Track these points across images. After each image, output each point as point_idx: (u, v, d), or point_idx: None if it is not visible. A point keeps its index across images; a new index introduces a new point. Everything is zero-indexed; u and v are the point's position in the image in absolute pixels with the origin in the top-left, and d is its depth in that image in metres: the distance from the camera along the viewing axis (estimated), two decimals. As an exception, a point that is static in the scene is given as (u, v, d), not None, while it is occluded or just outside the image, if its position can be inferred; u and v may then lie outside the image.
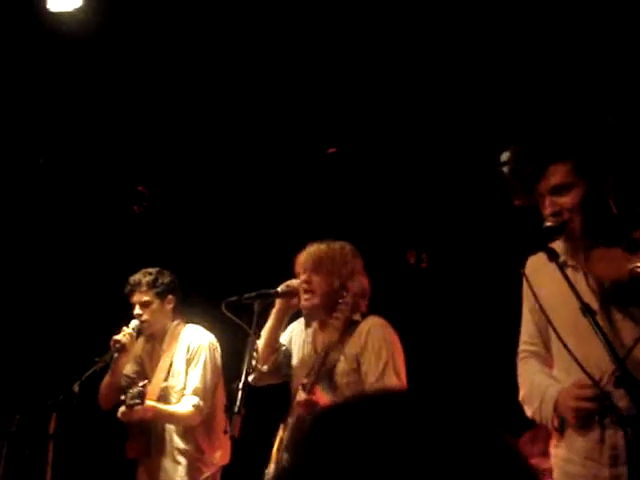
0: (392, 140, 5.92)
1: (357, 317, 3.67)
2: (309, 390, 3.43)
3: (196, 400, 4.35)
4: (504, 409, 5.83)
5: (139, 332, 4.52)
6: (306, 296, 3.68)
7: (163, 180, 6.35)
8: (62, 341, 6.12)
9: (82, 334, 5.95)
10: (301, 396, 3.44)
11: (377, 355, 3.55)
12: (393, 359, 3.57)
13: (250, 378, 3.57)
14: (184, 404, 4.36)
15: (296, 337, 3.86)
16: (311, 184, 6.30)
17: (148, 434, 4.42)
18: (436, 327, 6.20)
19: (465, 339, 6.20)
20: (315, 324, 3.77)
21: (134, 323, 4.52)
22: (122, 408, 4.25)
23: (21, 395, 5.74)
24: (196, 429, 4.40)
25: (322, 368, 3.49)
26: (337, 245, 3.78)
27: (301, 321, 3.93)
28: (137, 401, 4.16)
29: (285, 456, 3.45)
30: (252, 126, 5.94)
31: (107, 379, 4.52)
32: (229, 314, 3.70)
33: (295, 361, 3.81)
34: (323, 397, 3.46)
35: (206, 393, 4.39)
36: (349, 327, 3.63)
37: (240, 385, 3.50)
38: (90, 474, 5.86)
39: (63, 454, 4.70)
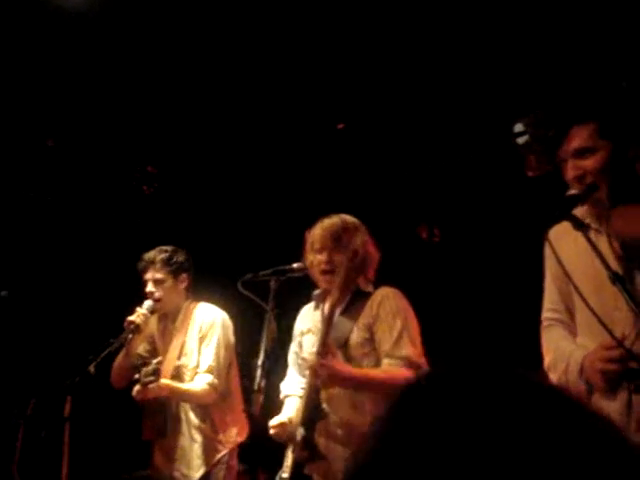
0: (404, 114, 5.87)
1: (369, 288, 3.62)
2: (322, 353, 3.36)
3: (210, 378, 4.32)
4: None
5: (152, 312, 4.47)
6: (328, 277, 3.57)
7: (172, 160, 6.30)
8: (77, 323, 6.11)
9: (96, 315, 5.94)
10: (315, 361, 3.37)
11: (390, 324, 3.50)
12: (407, 327, 3.51)
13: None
14: (198, 382, 4.33)
15: (307, 324, 3.77)
16: (321, 160, 6.26)
17: (164, 413, 4.39)
18: (450, 302, 6.18)
19: (480, 312, 6.17)
20: (327, 304, 3.68)
21: (147, 303, 4.48)
22: (137, 386, 4.22)
23: (36, 378, 5.74)
24: (211, 407, 4.37)
25: (329, 331, 3.42)
26: (348, 217, 3.72)
27: (307, 308, 3.84)
28: (152, 378, 4.14)
29: (300, 430, 3.40)
30: (262, 103, 5.89)
31: (120, 359, 4.48)
32: (245, 292, 3.65)
33: (309, 345, 3.73)
34: (339, 360, 3.40)
35: (220, 371, 4.36)
36: (361, 297, 3.59)
37: (259, 362, 3.46)
38: (107, 456, 5.86)
39: (80, 436, 4.68)
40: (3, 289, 5.94)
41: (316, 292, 3.72)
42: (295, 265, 3.71)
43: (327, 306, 3.59)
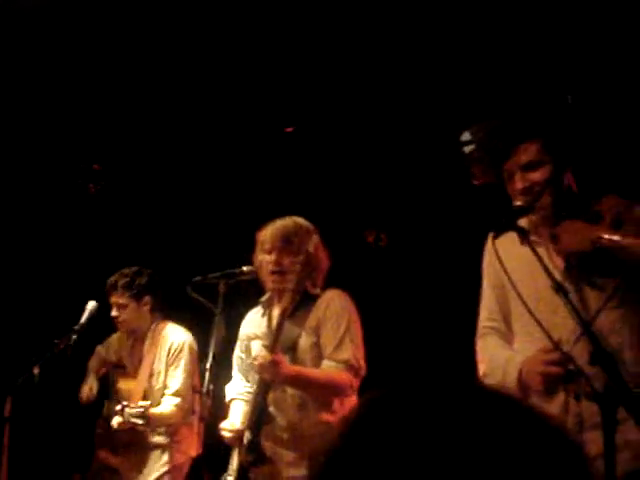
0: (352, 118, 5.90)
1: (316, 291, 3.63)
2: (271, 351, 3.38)
3: (177, 400, 4.38)
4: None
5: (93, 316, 4.48)
6: (275, 277, 3.58)
7: (120, 157, 6.24)
8: (20, 322, 6.02)
9: (40, 315, 5.86)
10: (264, 357, 3.38)
11: (334, 326, 3.53)
12: (350, 330, 3.54)
13: None
14: (166, 404, 4.38)
15: (254, 329, 3.76)
16: (270, 163, 6.25)
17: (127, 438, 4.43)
18: (395, 306, 6.23)
19: (423, 317, 6.24)
20: (275, 309, 3.69)
21: (91, 304, 4.49)
22: (119, 420, 4.22)
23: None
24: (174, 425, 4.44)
25: (280, 333, 3.43)
26: (300, 220, 3.73)
27: (253, 313, 3.83)
28: (140, 422, 4.20)
29: (247, 434, 3.42)
30: (211, 102, 5.87)
31: (88, 388, 4.54)
32: (194, 294, 3.65)
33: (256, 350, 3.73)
34: (285, 360, 3.43)
35: (186, 393, 4.43)
36: (308, 301, 3.60)
37: (207, 366, 3.47)
38: (49, 458, 5.78)
39: (22, 438, 4.62)
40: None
41: (263, 298, 3.73)
42: (245, 268, 3.71)
43: (277, 310, 3.61)
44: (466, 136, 5.33)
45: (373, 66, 5.51)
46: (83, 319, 4.45)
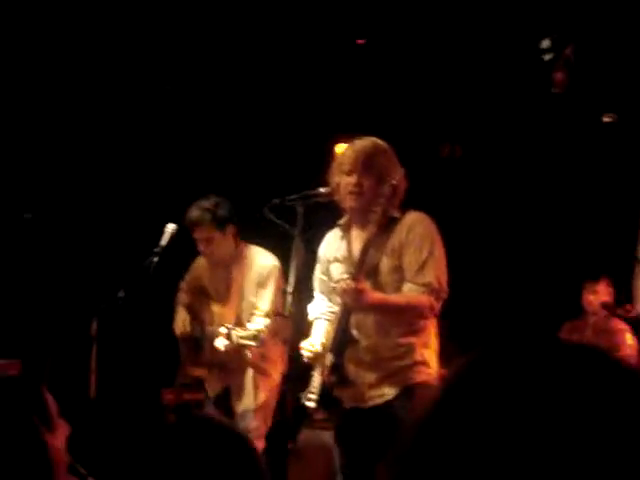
0: (424, 30, 5.73)
1: (396, 214, 3.58)
2: (355, 279, 3.37)
3: (268, 321, 4.40)
4: (540, 299, 5.87)
5: (175, 238, 4.53)
6: (354, 196, 3.52)
7: (188, 82, 6.21)
8: (103, 245, 6.14)
9: (123, 238, 5.97)
10: (348, 285, 3.37)
11: (417, 250, 3.49)
12: (433, 254, 3.51)
13: None
14: (256, 325, 4.41)
15: (334, 251, 3.73)
16: (341, 76, 6.15)
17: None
18: (473, 219, 6.16)
19: (503, 230, 6.17)
20: (354, 231, 3.67)
21: (170, 227, 4.53)
22: (225, 343, 4.25)
23: (63, 300, 5.81)
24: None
25: (364, 261, 3.43)
26: (381, 142, 3.65)
27: (332, 235, 3.80)
28: (254, 343, 4.17)
29: (330, 357, 3.45)
30: (282, 17, 5.77)
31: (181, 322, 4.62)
32: (272, 217, 3.64)
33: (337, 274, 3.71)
34: (368, 287, 3.42)
35: (274, 313, 4.47)
36: (389, 224, 3.55)
37: (290, 289, 3.48)
38: (136, 377, 5.96)
39: (109, 357, 4.77)
40: (27, 212, 5.97)
41: (342, 220, 3.70)
42: (322, 190, 3.66)
43: (356, 232, 3.60)
44: (546, 43, 5.18)
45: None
46: (163, 241, 4.50)
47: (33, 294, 5.97)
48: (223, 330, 4.26)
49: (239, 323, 4.43)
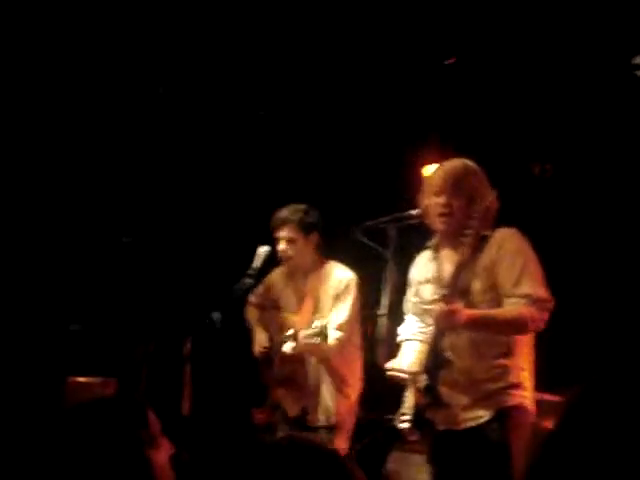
0: (516, 48, 5.69)
1: (487, 232, 3.55)
2: (448, 302, 3.35)
3: (340, 334, 4.41)
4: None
5: (268, 260, 4.56)
6: (445, 219, 3.52)
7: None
8: (198, 267, 6.25)
9: (218, 259, 6.07)
10: (441, 307, 3.36)
11: (510, 263, 3.44)
12: (528, 265, 3.45)
13: None
14: (329, 337, 4.42)
15: (424, 273, 3.73)
16: (431, 96, 6.16)
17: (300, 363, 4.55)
18: (565, 239, 6.06)
19: (596, 250, 6.04)
20: (444, 252, 3.65)
21: (263, 249, 4.57)
22: (292, 345, 4.30)
23: (159, 320, 5.93)
24: (337, 362, 4.50)
25: (456, 283, 3.41)
26: (471, 163, 3.64)
27: (422, 257, 3.79)
28: (318, 340, 4.14)
29: (424, 378, 3.43)
30: (368, 39, 5.81)
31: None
32: (364, 239, 3.66)
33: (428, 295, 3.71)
34: (461, 307, 3.38)
35: (349, 327, 4.46)
36: (480, 243, 3.51)
37: (382, 312, 3.50)
38: (229, 396, 6.04)
39: (203, 377, 4.85)
40: (127, 235, 6.14)
41: (432, 242, 3.69)
42: (414, 212, 3.67)
43: (446, 253, 3.58)
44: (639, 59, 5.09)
45: None
46: (256, 263, 4.54)
47: (130, 314, 6.12)
48: (290, 332, 4.27)
49: None
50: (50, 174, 6.07)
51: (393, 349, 3.69)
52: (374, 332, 3.53)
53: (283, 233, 4.50)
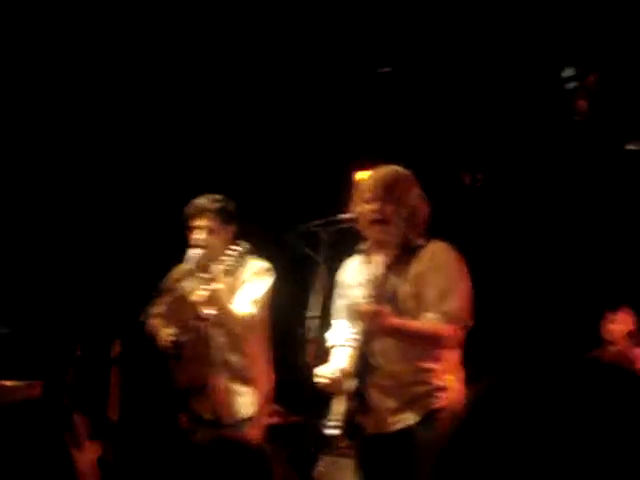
0: (448, 59, 5.78)
1: (420, 242, 3.59)
2: (375, 302, 3.40)
3: (252, 309, 4.32)
4: (561, 330, 5.85)
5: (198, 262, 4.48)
6: (377, 227, 3.54)
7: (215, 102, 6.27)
8: (126, 268, 6.18)
9: (144, 261, 6.00)
10: (367, 307, 3.41)
11: (439, 277, 3.49)
12: (455, 283, 3.50)
13: None
14: (242, 306, 4.35)
15: (354, 277, 3.73)
16: (364, 104, 6.20)
17: (206, 359, 4.47)
18: (494, 248, 6.16)
19: (524, 259, 6.16)
20: (375, 257, 3.65)
21: (193, 254, 4.47)
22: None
23: (85, 322, 5.85)
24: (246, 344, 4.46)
25: (384, 284, 3.45)
26: (402, 169, 3.68)
27: (352, 261, 3.79)
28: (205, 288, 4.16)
29: (353, 382, 3.46)
30: (302, 46, 5.84)
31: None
32: (296, 242, 3.67)
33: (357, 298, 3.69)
34: (388, 311, 3.42)
35: (261, 309, 4.40)
36: (412, 252, 3.57)
37: (314, 314, 3.50)
38: (157, 399, 5.98)
39: (132, 379, 4.80)
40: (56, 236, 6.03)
41: (362, 246, 3.71)
42: (346, 216, 3.69)
43: (377, 259, 3.60)
44: (569, 72, 5.22)
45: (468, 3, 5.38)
46: (188, 265, 4.47)
47: (57, 316, 6.02)
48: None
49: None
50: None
51: (323, 352, 3.70)
52: (304, 334, 3.53)
53: (202, 222, 4.39)
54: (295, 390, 4.62)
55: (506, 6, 5.28)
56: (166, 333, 4.45)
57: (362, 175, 4.11)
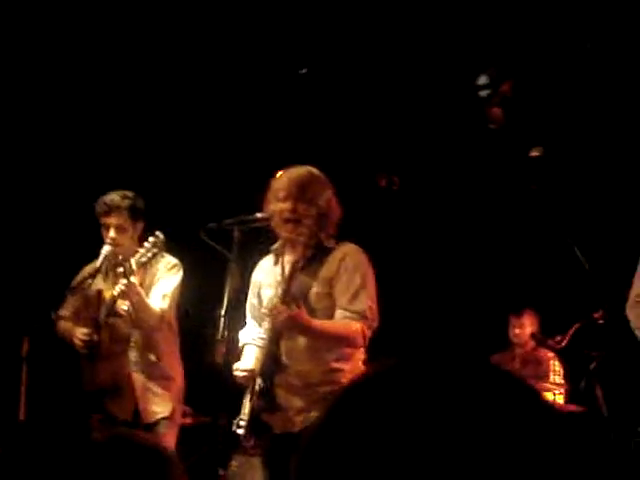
0: (363, 61, 5.83)
1: (331, 244, 3.65)
2: (284, 301, 3.43)
3: (164, 303, 4.31)
4: (467, 333, 5.96)
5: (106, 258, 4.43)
6: (290, 226, 3.58)
7: (133, 100, 6.21)
8: (35, 264, 6.06)
9: (54, 257, 5.90)
10: (277, 306, 3.44)
11: (349, 279, 3.56)
12: (366, 284, 3.58)
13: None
14: (154, 300, 4.32)
15: (266, 277, 3.77)
16: (280, 105, 6.21)
17: (118, 360, 4.42)
18: (408, 251, 6.25)
19: (436, 263, 6.26)
20: (287, 257, 3.68)
21: (106, 249, 4.42)
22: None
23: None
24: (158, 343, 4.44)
25: (292, 283, 3.48)
26: (315, 170, 3.72)
27: (266, 261, 3.83)
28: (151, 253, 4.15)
29: (259, 381, 3.48)
30: (223, 45, 5.82)
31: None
32: (208, 240, 3.66)
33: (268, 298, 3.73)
34: (302, 309, 3.46)
35: (172, 303, 4.39)
36: (322, 253, 3.62)
37: (222, 312, 3.50)
38: (66, 399, 5.88)
39: (40, 378, 4.71)
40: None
41: (275, 246, 3.74)
42: (259, 215, 3.70)
43: (289, 259, 3.63)
44: (483, 79, 5.33)
45: (384, 8, 5.43)
46: (99, 262, 4.42)
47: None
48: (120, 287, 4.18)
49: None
50: None
51: (231, 349, 3.71)
52: (214, 333, 3.53)
53: (113, 220, 4.33)
54: (203, 390, 4.62)
55: (423, 11, 5.36)
56: (80, 332, 4.38)
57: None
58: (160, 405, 4.42)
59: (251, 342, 3.78)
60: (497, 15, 5.24)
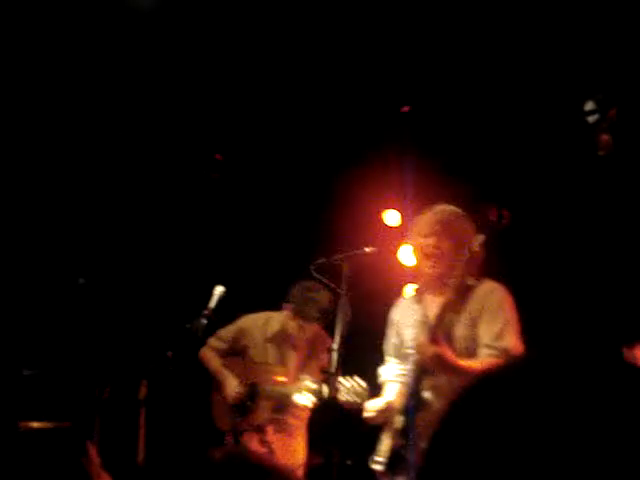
0: (471, 94, 5.80)
1: (471, 282, 3.60)
2: (433, 340, 3.38)
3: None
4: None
5: (222, 300, 4.55)
6: (431, 262, 3.56)
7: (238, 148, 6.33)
8: (152, 309, 6.20)
9: (171, 301, 6.03)
10: (426, 345, 3.39)
11: (494, 316, 3.50)
12: (511, 321, 3.52)
13: None
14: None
15: (405, 317, 3.73)
16: (384, 144, 6.22)
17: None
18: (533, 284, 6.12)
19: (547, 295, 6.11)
20: (428, 296, 3.65)
21: (219, 290, 4.54)
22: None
23: (113, 364, 5.86)
24: None
25: (441, 323, 3.45)
26: (458, 209, 3.71)
27: (404, 300, 3.81)
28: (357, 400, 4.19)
29: (400, 419, 3.44)
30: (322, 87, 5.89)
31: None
32: (317, 275, 3.68)
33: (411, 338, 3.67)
34: (446, 348, 3.41)
35: None
36: (465, 291, 3.58)
37: (335, 346, 3.50)
38: (185, 439, 5.96)
39: (157, 420, 4.79)
40: (81, 277, 6.08)
41: (416, 287, 3.71)
42: (367, 249, 3.72)
43: (432, 300, 3.60)
44: (590, 105, 5.19)
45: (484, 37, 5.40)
46: (212, 303, 4.52)
47: (84, 357, 6.04)
48: (310, 385, 4.24)
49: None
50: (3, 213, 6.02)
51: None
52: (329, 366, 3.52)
53: None
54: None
55: (529, 41, 5.30)
56: (233, 385, 4.70)
57: (390, 214, 4.08)
58: (297, 456, 4.64)
59: (393, 379, 3.75)
60: (604, 40, 5.14)
